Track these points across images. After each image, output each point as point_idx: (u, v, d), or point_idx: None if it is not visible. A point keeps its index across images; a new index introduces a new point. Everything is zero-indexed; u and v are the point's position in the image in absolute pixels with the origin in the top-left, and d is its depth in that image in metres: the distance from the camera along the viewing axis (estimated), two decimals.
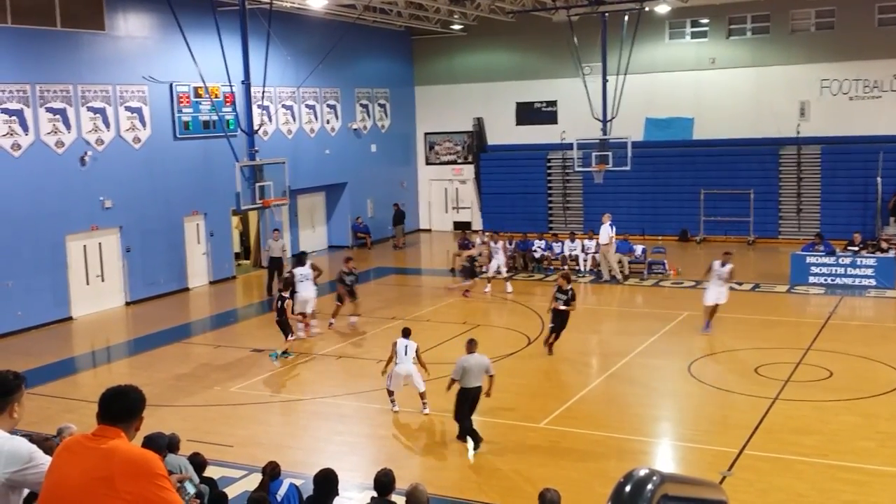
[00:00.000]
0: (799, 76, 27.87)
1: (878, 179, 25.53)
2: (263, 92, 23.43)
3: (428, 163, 34.19)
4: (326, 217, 30.86)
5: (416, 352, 13.31)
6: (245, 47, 21.00)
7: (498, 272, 22.36)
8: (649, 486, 2.27)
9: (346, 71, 29.95)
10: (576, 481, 10.42)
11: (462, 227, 32.93)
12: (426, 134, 34.06)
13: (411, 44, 33.36)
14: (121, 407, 3.69)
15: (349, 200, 30.56)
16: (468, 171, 33.35)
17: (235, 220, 26.59)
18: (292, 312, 16.64)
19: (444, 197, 34.12)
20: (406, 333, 13.55)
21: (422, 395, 13.19)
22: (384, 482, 7.45)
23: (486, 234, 24.53)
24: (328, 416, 13.68)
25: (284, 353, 16.55)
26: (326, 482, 7.35)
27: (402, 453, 11.85)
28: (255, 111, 24.47)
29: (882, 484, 10.26)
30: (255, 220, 27.05)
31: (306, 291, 18.09)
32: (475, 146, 33.02)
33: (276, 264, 23.10)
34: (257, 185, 21.29)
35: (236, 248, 26.80)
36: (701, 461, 11.34)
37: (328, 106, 29.52)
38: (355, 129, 30.73)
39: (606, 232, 23.04)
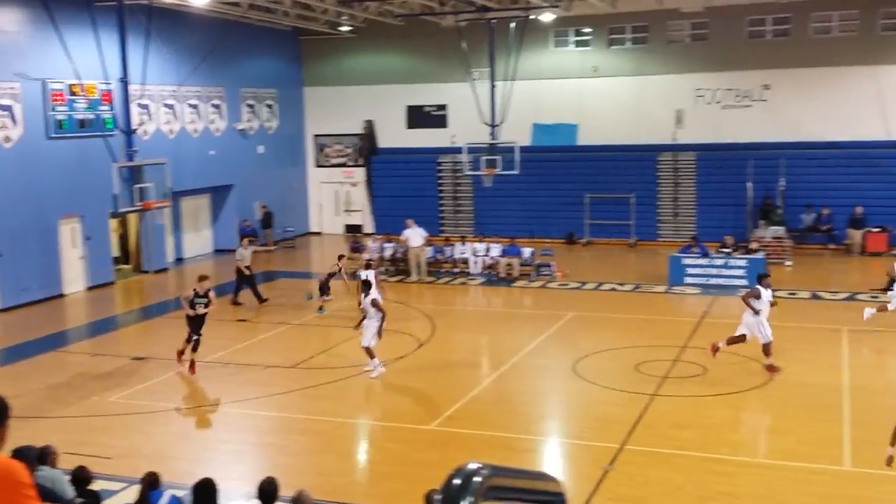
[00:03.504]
0: (675, 85, 29.00)
1: (749, 184, 26.79)
2: (143, 90, 22.75)
3: (318, 165, 33.90)
4: (212, 220, 30.18)
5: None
6: (123, 44, 20.39)
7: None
8: (477, 479, 2.36)
9: (231, 70, 29.39)
10: None
11: (353, 230, 32.81)
12: (315, 136, 33.77)
13: (299, 44, 33.02)
14: None
15: (236, 203, 29.97)
16: (359, 173, 33.25)
17: (114, 223, 25.67)
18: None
19: (334, 200, 33.90)
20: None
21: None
22: (268, 490, 7.36)
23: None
24: (213, 424, 13.40)
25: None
26: (205, 492, 7.21)
27: (289, 460, 11.72)
28: (134, 110, 23.79)
29: (753, 474, 10.79)
30: (135, 223, 26.20)
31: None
32: (366, 149, 32.95)
33: (246, 274, 21.32)
34: (137, 186, 20.68)
35: (115, 252, 25.87)
36: (584, 457, 11.68)
37: (212, 105, 28.88)
38: (241, 130, 30.19)
39: (419, 234, 24.49)
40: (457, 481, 2.36)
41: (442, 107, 31.83)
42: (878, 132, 27.07)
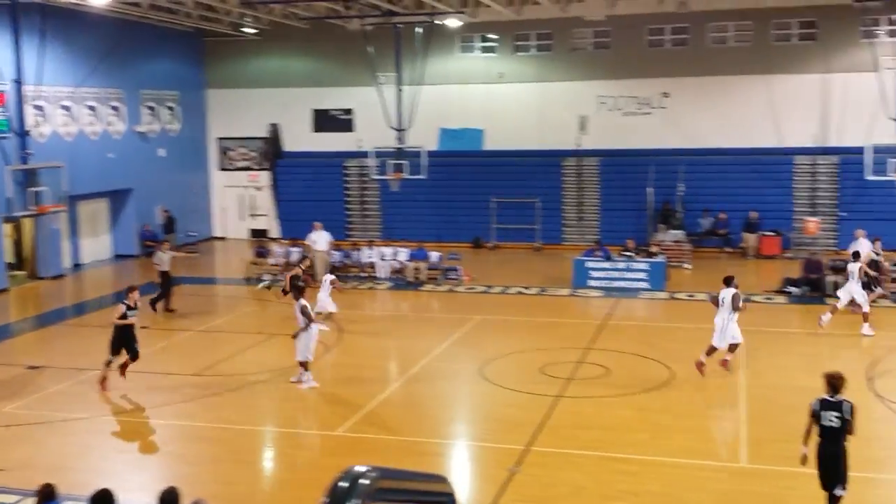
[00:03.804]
0: (578, 92, 29.59)
1: (650, 189, 27.52)
2: (38, 91, 21.88)
3: (222, 168, 33.26)
4: (111, 225, 29.23)
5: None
6: (17, 43, 19.59)
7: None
8: (364, 481, 2.35)
9: (130, 71, 28.56)
10: None
11: (258, 234, 32.31)
12: (219, 139, 33.12)
13: (202, 45, 32.34)
14: None
15: (135, 207, 29.12)
16: (264, 177, 32.75)
17: (8, 227, 24.58)
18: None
19: (239, 204, 33.30)
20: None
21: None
22: (168, 500, 7.17)
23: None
24: (112, 434, 12.97)
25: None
26: (103, 503, 6.98)
27: (189, 469, 11.42)
28: (29, 111, 22.89)
29: (654, 472, 11.05)
30: (30, 227, 25.15)
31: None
32: (271, 152, 32.49)
33: (166, 279, 20.59)
34: (32, 190, 19.89)
35: (9, 258, 24.77)
36: (491, 459, 11.76)
37: (111, 107, 28.00)
38: (141, 133, 29.37)
39: (325, 238, 24.49)
40: (343, 484, 2.34)
41: (348, 111, 31.67)
42: (771, 140, 28.22)
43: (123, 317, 14.59)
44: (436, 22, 26.99)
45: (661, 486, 10.66)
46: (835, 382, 9.01)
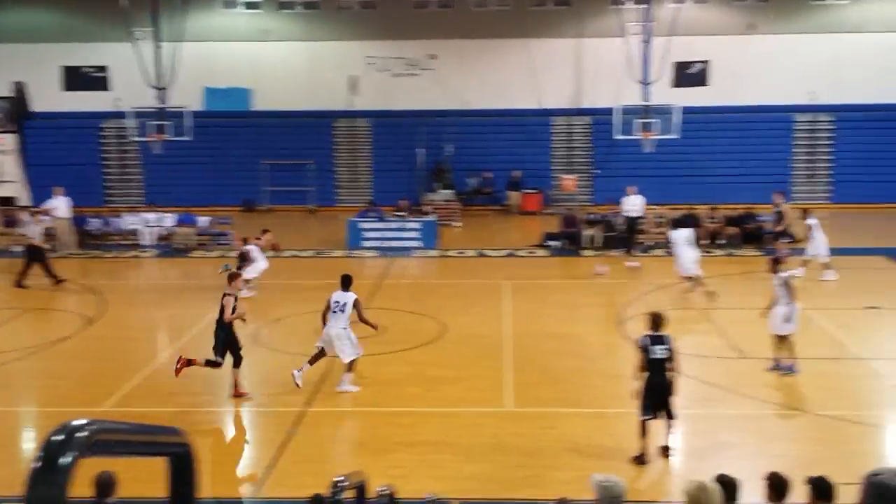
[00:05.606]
0: (347, 52, 29.51)
1: (420, 150, 28.10)
2: None
3: None
4: None
5: (357, 306, 12.30)
6: None
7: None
8: (81, 433, 2.31)
9: None
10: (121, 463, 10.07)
11: (5, 203, 29.69)
12: None
13: None
14: None
15: None
16: (10, 140, 30.04)
17: None
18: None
19: None
20: (346, 283, 12.57)
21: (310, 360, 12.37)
22: (105, 484, 6.82)
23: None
24: None
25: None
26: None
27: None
28: None
29: (428, 423, 11.45)
30: None
31: None
32: (16, 113, 29.84)
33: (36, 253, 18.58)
34: None
35: None
36: (269, 423, 11.69)
37: None
38: None
39: (66, 204, 22.98)
40: (57, 437, 2.26)
41: (102, 68, 29.72)
42: (531, 102, 29.59)
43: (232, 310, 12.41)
44: None
45: (436, 435, 11.07)
46: (657, 319, 10.06)
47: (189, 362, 12.34)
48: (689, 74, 28.89)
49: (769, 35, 28.86)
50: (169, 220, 24.06)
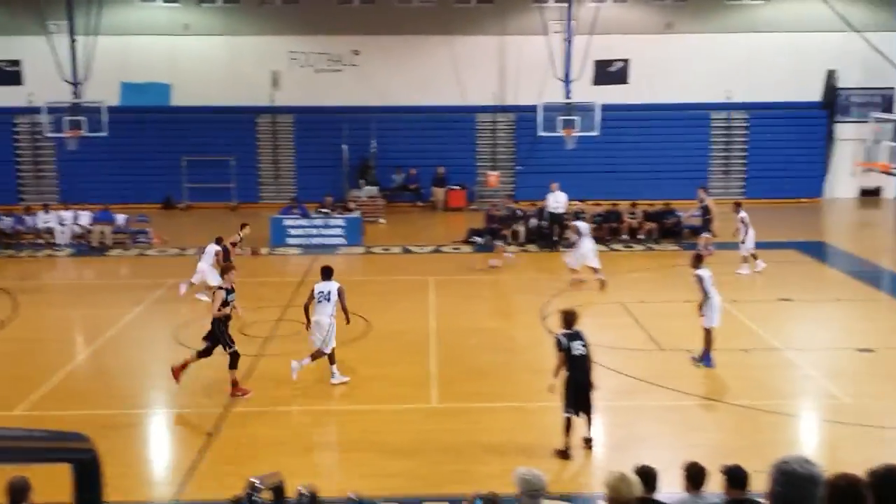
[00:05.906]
0: (269, 47, 29.08)
1: (345, 146, 27.90)
2: None
3: None
4: None
5: (341, 295, 12.50)
6: None
7: None
8: None
9: None
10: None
11: None
12: None
13: None
14: None
15: None
16: None
17: None
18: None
19: None
20: (327, 274, 12.71)
21: (313, 355, 12.24)
22: (17, 489, 6.48)
23: None
24: None
25: None
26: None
27: None
28: None
29: (353, 420, 11.43)
30: None
31: None
32: None
33: None
34: None
35: None
36: (189, 425, 11.49)
37: None
38: None
39: None
40: None
41: (15, 62, 28.67)
42: (455, 98, 29.64)
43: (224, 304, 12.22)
44: None
45: (361, 432, 11.04)
46: (569, 317, 10.16)
47: (183, 367, 12.13)
48: (609, 72, 29.34)
49: (687, 34, 29.50)
50: (85, 217, 23.39)
